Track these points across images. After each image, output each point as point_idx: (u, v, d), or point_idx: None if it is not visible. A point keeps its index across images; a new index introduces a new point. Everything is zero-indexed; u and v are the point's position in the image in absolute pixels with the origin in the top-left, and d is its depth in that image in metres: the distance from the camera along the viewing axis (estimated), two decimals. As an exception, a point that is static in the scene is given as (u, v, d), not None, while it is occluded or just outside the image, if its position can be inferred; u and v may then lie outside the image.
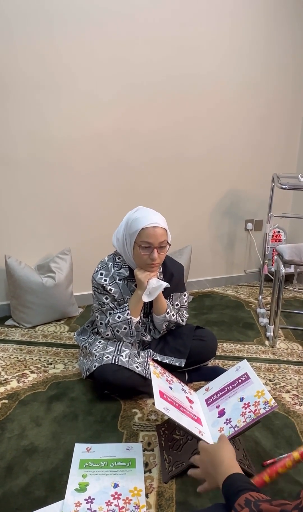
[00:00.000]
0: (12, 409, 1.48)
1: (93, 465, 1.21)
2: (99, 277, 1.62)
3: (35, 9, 2.04)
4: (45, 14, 2.07)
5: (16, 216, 2.28)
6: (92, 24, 2.18)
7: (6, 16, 2.00)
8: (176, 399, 1.26)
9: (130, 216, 1.56)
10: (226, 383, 1.37)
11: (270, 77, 2.79)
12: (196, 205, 2.81)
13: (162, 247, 1.53)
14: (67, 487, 1.12)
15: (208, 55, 2.55)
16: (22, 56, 2.07)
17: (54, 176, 2.31)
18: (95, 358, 1.55)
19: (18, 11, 2.01)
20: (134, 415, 1.47)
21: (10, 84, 2.09)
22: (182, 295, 1.75)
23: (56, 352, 1.94)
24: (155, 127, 2.51)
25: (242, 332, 2.24)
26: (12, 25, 2.02)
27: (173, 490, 1.14)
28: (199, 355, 1.67)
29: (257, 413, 1.17)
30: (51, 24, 2.09)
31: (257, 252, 3.14)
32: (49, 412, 1.48)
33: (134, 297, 1.59)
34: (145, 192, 2.58)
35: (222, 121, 2.72)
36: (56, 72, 2.17)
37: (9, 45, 2.04)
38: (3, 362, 1.83)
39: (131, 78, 2.36)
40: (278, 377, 1.76)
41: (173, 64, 2.45)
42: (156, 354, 1.65)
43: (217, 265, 3.04)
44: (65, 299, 2.28)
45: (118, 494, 1.10)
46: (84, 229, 2.47)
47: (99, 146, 2.38)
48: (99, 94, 2.30)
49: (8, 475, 1.18)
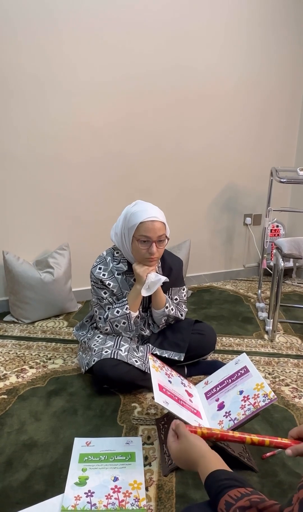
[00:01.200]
0: (12, 404, 1.48)
1: (93, 459, 1.21)
2: (98, 272, 1.61)
3: (35, 4, 2.02)
4: (43, 8, 2.05)
5: (14, 212, 2.27)
6: (90, 17, 2.16)
7: (6, 12, 1.98)
8: (175, 393, 1.26)
9: (129, 210, 1.55)
10: (225, 376, 1.37)
11: (268, 71, 2.78)
12: (195, 200, 2.80)
13: (161, 241, 1.52)
14: (67, 481, 1.12)
15: (206, 50, 2.53)
16: (19, 50, 2.06)
17: (52, 171, 2.30)
18: (94, 353, 1.54)
19: (17, 7, 1.99)
20: (133, 409, 1.47)
21: (7, 79, 2.07)
22: (181, 289, 1.74)
23: (55, 347, 1.94)
24: (153, 122, 2.50)
25: (241, 327, 2.23)
26: (10, 20, 2.00)
27: (173, 483, 1.14)
28: (198, 349, 1.67)
29: (257, 406, 1.16)
30: (49, 18, 2.07)
31: (256, 246, 3.13)
32: (48, 407, 1.48)
33: (133, 292, 1.58)
34: (143, 187, 2.57)
35: (220, 115, 2.71)
36: (54, 65, 2.15)
37: (6, 39, 2.02)
38: (2, 357, 1.83)
39: (129, 73, 2.34)
40: (277, 371, 1.76)
41: (171, 57, 2.43)
42: (155, 349, 1.64)
43: (216, 260, 3.03)
44: (64, 295, 2.28)
45: (118, 488, 1.10)
46: (82, 224, 2.46)
47: (97, 141, 2.37)
48: (97, 89, 2.29)
49: (7, 469, 1.17)
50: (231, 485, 0.69)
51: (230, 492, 0.67)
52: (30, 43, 2.07)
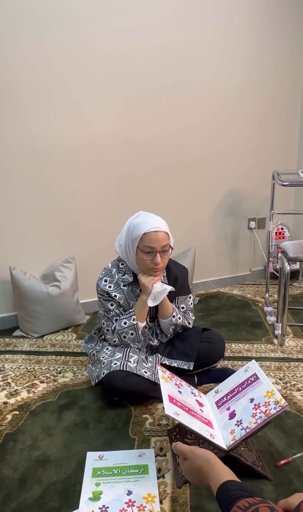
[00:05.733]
0: (23, 420, 1.49)
1: (106, 473, 1.20)
2: (104, 284, 1.62)
3: (32, 16, 2.06)
4: (44, 21, 2.08)
5: (19, 227, 2.29)
6: (92, 31, 2.19)
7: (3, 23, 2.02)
8: (185, 403, 1.26)
9: (132, 222, 1.56)
10: (235, 384, 1.36)
11: (267, 76, 2.79)
12: (198, 207, 2.81)
13: (165, 251, 1.53)
14: (81, 496, 1.12)
15: (205, 60, 2.56)
16: (19, 63, 2.09)
17: (55, 185, 2.32)
18: (104, 365, 1.55)
19: (17, 18, 2.03)
20: (145, 421, 1.46)
21: (5, 94, 2.10)
22: (187, 297, 1.75)
23: (64, 361, 1.94)
24: (154, 131, 2.52)
25: (250, 332, 2.22)
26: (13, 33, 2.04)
27: (187, 495, 1.13)
28: (207, 357, 1.66)
29: (268, 414, 1.16)
30: (51, 32, 2.11)
31: (261, 250, 3.12)
32: (60, 422, 1.48)
33: (139, 302, 1.59)
34: (146, 197, 2.58)
35: (220, 122, 2.72)
36: (54, 80, 2.18)
37: (3, 52, 2.05)
38: (13, 373, 1.84)
39: (130, 83, 2.37)
40: (288, 376, 1.75)
41: (171, 69, 2.46)
42: (164, 358, 1.64)
43: (221, 265, 3.03)
44: (71, 307, 2.29)
45: (132, 502, 1.10)
46: (87, 236, 2.47)
47: (99, 153, 2.39)
48: (98, 101, 2.31)
49: (21, 486, 1.18)
50: (240, 496, 0.70)
51: (239, 502, 0.68)
52: (30, 55, 2.10)
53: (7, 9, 2.01)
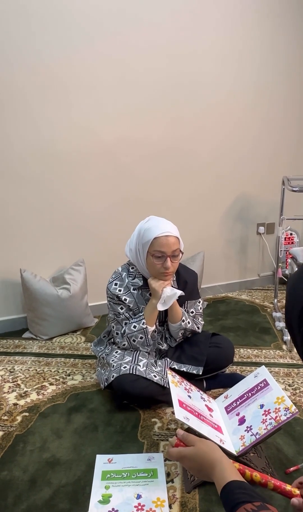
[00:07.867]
0: (33, 422, 1.50)
1: (115, 476, 1.21)
2: (114, 287, 1.63)
3: (41, 20, 2.09)
4: (53, 30, 2.11)
5: (29, 230, 2.31)
6: (98, 35, 2.22)
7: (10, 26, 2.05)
8: (195, 408, 1.26)
9: (142, 226, 1.57)
10: (245, 390, 1.36)
11: (278, 81, 2.80)
12: (207, 211, 2.82)
13: (175, 255, 1.54)
14: (91, 499, 1.12)
15: (216, 65, 2.58)
16: (28, 68, 2.12)
17: (65, 189, 2.34)
18: (113, 369, 1.55)
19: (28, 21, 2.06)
20: (153, 425, 1.47)
21: (16, 99, 2.13)
22: (196, 302, 1.75)
23: (73, 363, 1.95)
24: (164, 137, 2.53)
25: (258, 337, 2.22)
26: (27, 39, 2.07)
27: (196, 500, 1.13)
28: (216, 362, 1.66)
29: (278, 420, 1.16)
30: (56, 36, 2.13)
31: (270, 255, 3.12)
32: (69, 424, 1.49)
33: (149, 306, 1.59)
34: (155, 201, 2.59)
35: (230, 127, 2.73)
36: (61, 85, 2.21)
37: (10, 57, 2.08)
38: (22, 374, 1.85)
39: (140, 88, 2.39)
40: (297, 382, 1.74)
41: (180, 71, 2.48)
42: (173, 363, 1.65)
43: (230, 270, 3.03)
44: (81, 310, 2.30)
45: (141, 505, 1.10)
46: (97, 239, 2.49)
47: (108, 158, 2.41)
48: (106, 106, 2.33)
49: (31, 488, 1.19)
50: (243, 500, 0.71)
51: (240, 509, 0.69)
52: (35, 62, 2.13)
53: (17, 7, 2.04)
